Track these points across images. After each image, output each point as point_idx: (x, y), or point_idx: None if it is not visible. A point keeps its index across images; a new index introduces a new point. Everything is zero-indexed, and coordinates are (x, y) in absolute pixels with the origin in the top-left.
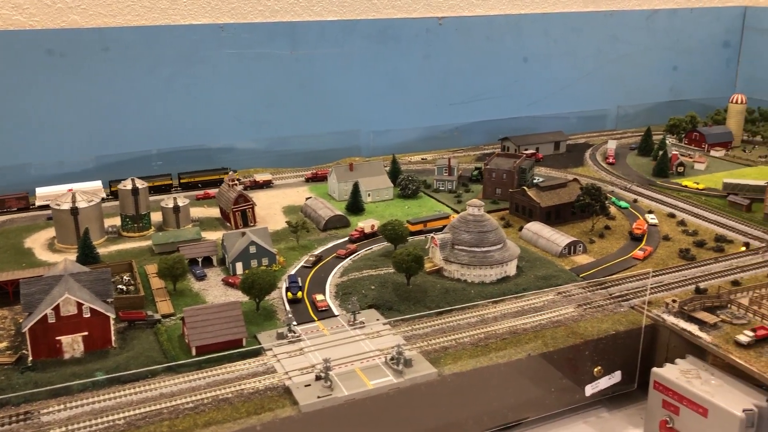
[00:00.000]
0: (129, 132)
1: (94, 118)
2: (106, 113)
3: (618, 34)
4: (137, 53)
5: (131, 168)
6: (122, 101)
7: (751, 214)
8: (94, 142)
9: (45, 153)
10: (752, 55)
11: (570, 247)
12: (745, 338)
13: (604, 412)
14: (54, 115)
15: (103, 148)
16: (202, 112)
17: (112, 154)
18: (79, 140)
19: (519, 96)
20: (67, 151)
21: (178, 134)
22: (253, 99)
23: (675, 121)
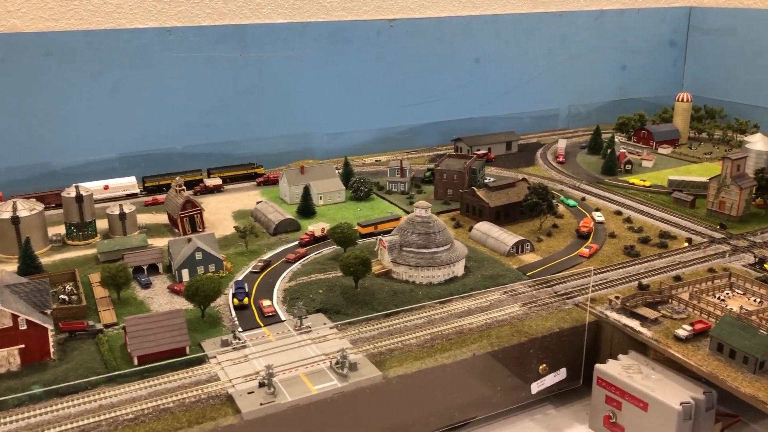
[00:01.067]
0: (76, 138)
1: (37, 125)
2: (51, 120)
3: (568, 35)
4: (82, 58)
5: (78, 175)
6: (68, 107)
7: (695, 210)
8: (39, 150)
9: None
10: (698, 54)
11: (518, 246)
12: (683, 332)
13: (551, 409)
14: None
15: (47, 156)
16: (150, 117)
17: (57, 162)
18: (22, 147)
19: (472, 97)
20: (7, 159)
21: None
22: (202, 103)
23: (624, 120)
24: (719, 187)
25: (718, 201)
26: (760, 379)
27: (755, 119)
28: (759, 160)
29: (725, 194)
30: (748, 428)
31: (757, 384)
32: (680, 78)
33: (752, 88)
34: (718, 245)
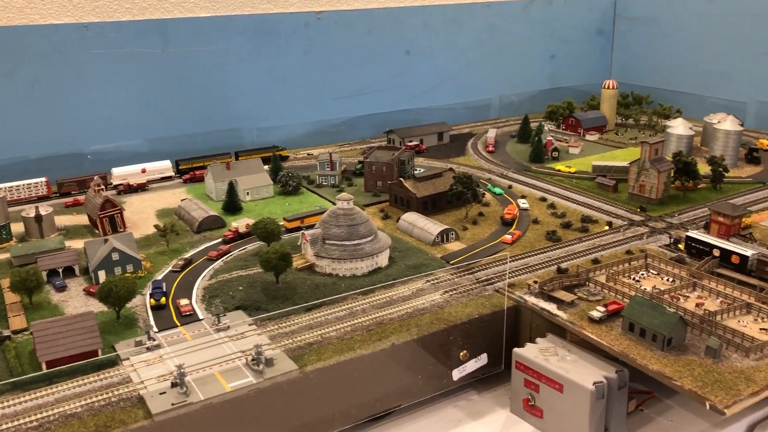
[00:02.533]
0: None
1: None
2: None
3: (497, 25)
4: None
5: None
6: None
7: (618, 194)
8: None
9: None
10: (624, 42)
11: (442, 235)
12: (597, 314)
13: (474, 395)
14: None
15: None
16: (70, 115)
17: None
18: None
19: (404, 88)
20: None
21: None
22: (125, 100)
23: (553, 108)
24: (639, 171)
25: (639, 185)
26: (668, 355)
27: (678, 104)
28: (680, 144)
29: (645, 178)
30: (662, 403)
31: (664, 360)
32: (608, 66)
33: (675, 75)
34: (637, 228)
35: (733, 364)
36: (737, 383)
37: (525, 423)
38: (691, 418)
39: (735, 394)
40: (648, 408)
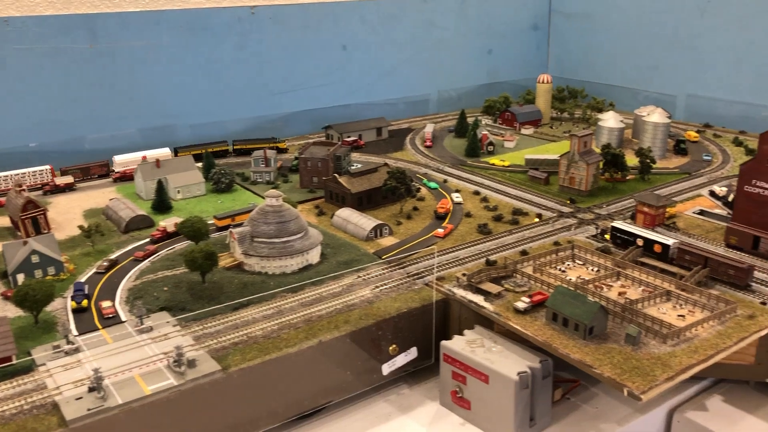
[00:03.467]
0: None
1: None
2: None
3: (434, 20)
4: None
5: None
6: None
7: (549, 186)
8: None
9: None
10: (559, 37)
11: (376, 231)
12: (522, 304)
13: (405, 389)
14: None
15: None
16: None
17: None
18: None
19: (342, 84)
20: None
21: None
22: (49, 97)
23: (490, 103)
24: (568, 163)
25: (569, 177)
26: (589, 344)
27: (612, 98)
28: (611, 136)
29: (574, 170)
30: (588, 391)
31: (585, 349)
32: (545, 60)
33: (609, 69)
34: (566, 219)
35: (651, 350)
36: (654, 369)
37: (454, 415)
38: (616, 404)
39: (651, 379)
40: (574, 396)
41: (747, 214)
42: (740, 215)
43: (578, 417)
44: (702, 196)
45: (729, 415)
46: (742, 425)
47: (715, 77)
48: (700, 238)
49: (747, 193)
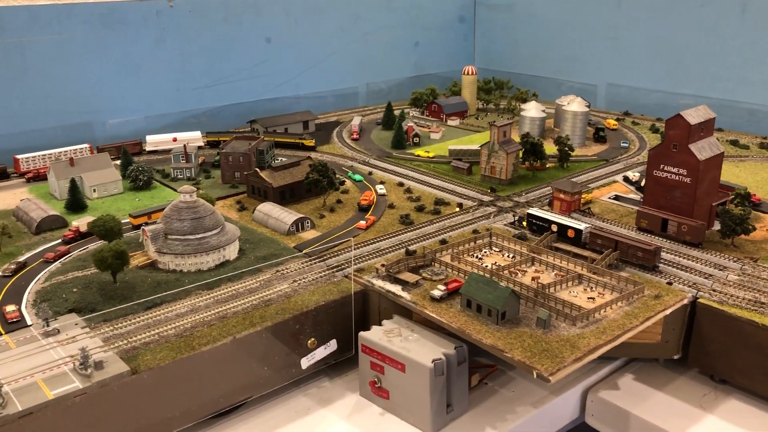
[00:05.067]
0: None
1: None
2: None
3: (360, 14)
4: None
5: None
6: None
7: (472, 176)
8: None
9: None
10: (485, 29)
11: (297, 224)
12: (438, 292)
13: (326, 382)
14: None
15: None
16: None
17: None
18: None
19: (267, 77)
20: None
21: None
22: None
23: (417, 95)
24: (489, 153)
25: (489, 166)
26: (502, 329)
27: (537, 88)
28: (533, 126)
29: (495, 160)
30: (505, 375)
31: (497, 334)
32: (471, 52)
33: (533, 60)
34: (486, 208)
35: (561, 333)
36: (563, 351)
37: (373, 406)
38: (532, 387)
39: (560, 361)
40: (492, 381)
41: (656, 198)
42: (650, 199)
43: (495, 401)
44: (617, 182)
45: (639, 392)
46: (652, 401)
47: (634, 67)
48: (614, 222)
49: (655, 177)
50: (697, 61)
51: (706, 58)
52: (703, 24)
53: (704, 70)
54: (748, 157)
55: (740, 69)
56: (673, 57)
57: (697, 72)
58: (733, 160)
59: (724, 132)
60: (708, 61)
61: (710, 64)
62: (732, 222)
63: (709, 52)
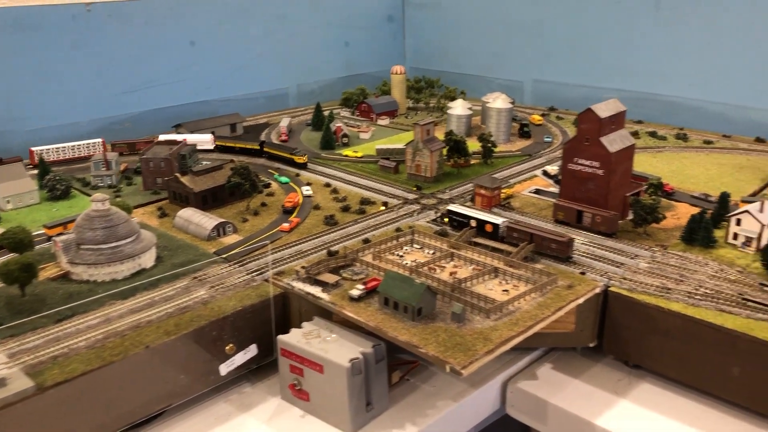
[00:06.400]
0: None
1: None
2: None
3: (286, 14)
4: None
5: None
6: None
7: (398, 175)
8: None
9: None
10: (414, 28)
11: (218, 229)
12: (356, 292)
13: (247, 387)
14: None
15: None
16: None
17: None
18: None
19: (193, 80)
20: None
21: None
22: None
23: (347, 95)
24: (414, 152)
25: (415, 165)
26: (417, 325)
27: (466, 86)
28: (459, 124)
29: (419, 158)
30: (427, 371)
31: (413, 330)
32: (402, 51)
33: (462, 58)
34: (410, 206)
35: (475, 326)
36: (476, 344)
37: (295, 408)
38: (452, 381)
39: (472, 354)
40: (413, 377)
41: (571, 191)
42: (566, 192)
43: (416, 397)
44: (538, 176)
45: (557, 381)
46: (568, 389)
47: (557, 62)
48: (533, 215)
49: (570, 170)
50: (616, 56)
51: (625, 53)
52: (620, 19)
53: (623, 64)
54: (665, 148)
55: (656, 63)
56: (593, 52)
57: (616, 66)
58: (651, 151)
59: (644, 124)
60: (626, 55)
61: (628, 59)
62: (643, 211)
63: (626, 47)
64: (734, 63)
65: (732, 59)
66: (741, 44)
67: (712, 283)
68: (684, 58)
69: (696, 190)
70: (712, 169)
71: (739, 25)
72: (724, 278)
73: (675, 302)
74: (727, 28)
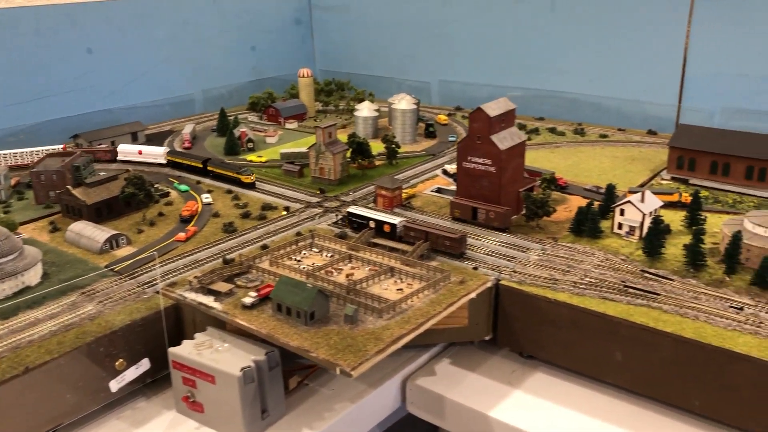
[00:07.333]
0: None
1: None
2: None
3: (189, 19)
4: None
5: None
6: None
7: (303, 179)
8: None
9: None
10: (323, 31)
11: (111, 242)
12: (249, 299)
13: (142, 402)
14: None
15: None
16: None
17: None
18: None
19: (92, 89)
20: None
21: None
22: None
23: (254, 99)
24: (317, 155)
25: (318, 168)
26: (310, 329)
27: (376, 88)
28: (366, 126)
29: (323, 161)
30: (326, 375)
31: (305, 335)
32: (311, 54)
33: (371, 60)
34: (313, 209)
35: (367, 326)
36: (367, 344)
37: (190, 421)
38: (351, 383)
39: (363, 355)
40: (313, 381)
41: (467, 188)
42: (462, 189)
43: (314, 401)
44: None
45: (454, 375)
46: (465, 383)
47: (462, 63)
48: (434, 214)
49: (464, 168)
50: (519, 55)
51: (526, 52)
52: (520, 20)
53: (525, 63)
54: (563, 143)
55: (556, 61)
56: (496, 51)
57: (519, 65)
58: (550, 146)
59: (545, 120)
60: (528, 54)
61: (530, 58)
62: (534, 206)
63: (528, 46)
64: (627, 60)
65: (625, 56)
66: (633, 42)
67: (597, 272)
68: (581, 56)
69: (589, 183)
70: (605, 162)
71: (631, 23)
72: (609, 267)
73: (561, 292)
74: (619, 26)
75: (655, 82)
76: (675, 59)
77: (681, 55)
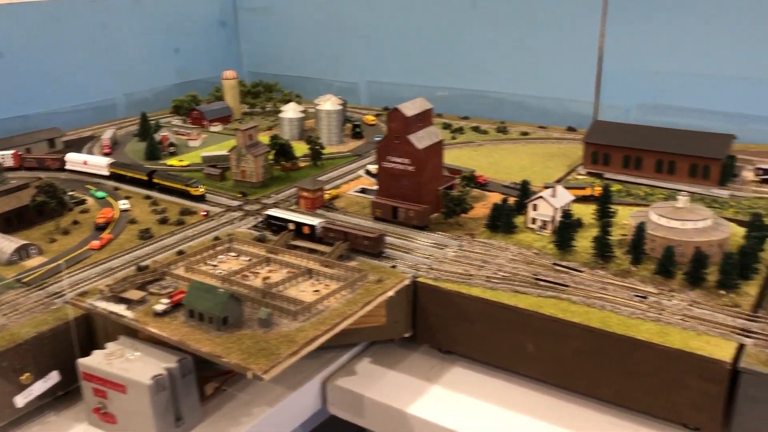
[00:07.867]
0: None
1: None
2: None
3: (107, 22)
4: None
5: None
6: None
7: (225, 182)
8: None
9: None
10: (249, 32)
11: (20, 252)
12: (161, 306)
13: (52, 416)
14: None
15: None
16: None
17: None
18: None
19: (5, 95)
20: None
21: None
22: None
23: (178, 102)
24: (238, 157)
25: (240, 170)
26: (223, 335)
27: (304, 89)
28: (292, 127)
29: (244, 163)
30: (245, 380)
31: (218, 340)
32: (237, 56)
33: (298, 61)
34: (233, 213)
35: (282, 329)
36: (280, 347)
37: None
38: (270, 386)
39: (275, 358)
40: (230, 387)
41: (387, 188)
42: (383, 189)
43: (231, 407)
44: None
45: (373, 374)
46: (384, 381)
47: (388, 63)
48: (357, 214)
49: (384, 168)
50: (444, 56)
51: (451, 52)
52: (442, 19)
53: (450, 63)
54: (485, 142)
55: (479, 61)
56: (421, 52)
57: (444, 65)
58: (473, 145)
59: (470, 120)
60: (452, 54)
61: (454, 58)
62: (452, 203)
63: (452, 46)
64: (547, 58)
65: (544, 55)
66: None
67: (510, 266)
68: (503, 56)
69: (508, 180)
70: (525, 159)
71: (549, 21)
72: (522, 261)
73: (475, 287)
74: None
75: (574, 80)
76: (591, 57)
77: (596, 53)
